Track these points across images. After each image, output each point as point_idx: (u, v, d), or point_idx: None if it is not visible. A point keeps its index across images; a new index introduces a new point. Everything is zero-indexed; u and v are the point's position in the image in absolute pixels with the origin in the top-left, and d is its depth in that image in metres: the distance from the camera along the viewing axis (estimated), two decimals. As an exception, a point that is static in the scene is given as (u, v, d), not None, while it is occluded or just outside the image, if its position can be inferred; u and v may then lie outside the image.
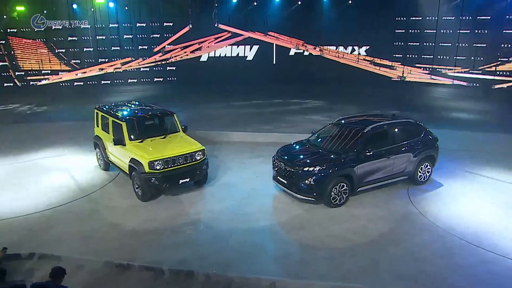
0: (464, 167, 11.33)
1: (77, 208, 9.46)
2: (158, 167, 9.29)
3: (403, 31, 21.86)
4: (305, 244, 7.72)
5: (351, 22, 21.94)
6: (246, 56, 24.45)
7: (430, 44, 20.38)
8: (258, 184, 10.48)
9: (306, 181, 8.81)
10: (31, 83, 24.28)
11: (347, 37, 22.71)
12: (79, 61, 24.55)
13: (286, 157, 9.45)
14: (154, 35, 24.53)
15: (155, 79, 25.92)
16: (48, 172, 11.54)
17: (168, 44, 24.72)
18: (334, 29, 22.47)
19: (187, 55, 24.72)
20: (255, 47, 24.27)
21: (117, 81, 25.71)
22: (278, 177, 9.60)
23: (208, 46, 24.21)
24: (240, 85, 23.05)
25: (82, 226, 8.64)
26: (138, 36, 24.12)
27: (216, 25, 22.35)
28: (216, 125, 15.99)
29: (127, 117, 10.30)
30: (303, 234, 8.09)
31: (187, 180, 9.73)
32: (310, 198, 8.98)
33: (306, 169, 8.87)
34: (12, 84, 24.09)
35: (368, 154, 9.09)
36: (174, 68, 25.66)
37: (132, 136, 9.98)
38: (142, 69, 25.55)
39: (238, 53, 24.49)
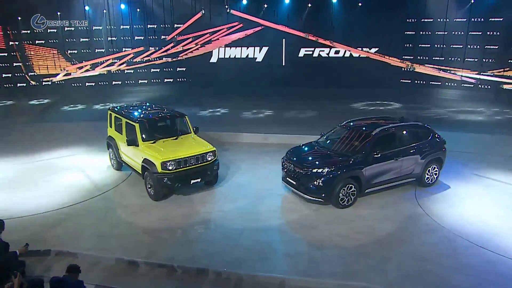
0: (472, 169, 11.42)
1: (92, 206, 9.76)
2: (170, 168, 9.55)
3: (413, 32, 21.85)
4: (314, 243, 7.92)
5: (360, 24, 22.00)
6: (256, 58, 24.64)
7: (441, 45, 20.35)
8: (268, 185, 10.68)
9: (315, 182, 9.00)
10: (43, 83, 24.75)
11: (356, 38, 22.75)
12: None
13: (295, 159, 9.65)
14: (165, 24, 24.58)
15: (165, 80, 26.23)
16: (62, 171, 11.87)
17: (179, 34, 24.91)
18: (342, 30, 22.54)
19: (198, 49, 24.81)
20: (265, 49, 24.43)
21: (128, 81, 26.08)
22: (287, 178, 9.80)
23: (218, 39, 24.12)
24: (250, 86, 23.24)
25: (98, 224, 8.93)
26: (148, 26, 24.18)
27: (228, 10, 22.31)
28: (227, 126, 16.23)
29: (140, 119, 10.57)
30: (312, 233, 8.29)
31: (198, 180, 9.97)
32: (318, 199, 9.16)
33: (315, 170, 9.06)
34: (25, 84, 24.59)
35: (376, 156, 9.25)
36: (184, 68, 25.96)
37: (144, 137, 10.26)
38: (154, 66, 25.81)
39: (247, 55, 24.68)
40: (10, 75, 24.47)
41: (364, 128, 9.98)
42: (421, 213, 9.07)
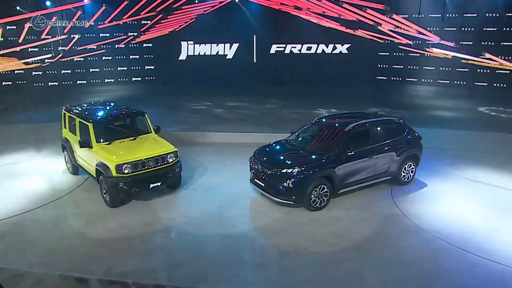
0: (449, 166, 11.07)
1: (42, 215, 8.78)
2: (126, 171, 8.70)
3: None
4: (286, 250, 7.26)
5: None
6: (226, 55, 23.85)
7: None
8: (237, 187, 9.97)
9: (285, 184, 8.36)
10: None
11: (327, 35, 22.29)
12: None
13: (263, 159, 8.98)
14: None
15: (133, 79, 25.11)
16: (13, 177, 10.80)
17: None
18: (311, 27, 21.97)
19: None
20: (235, 45, 23.68)
21: (94, 80, 24.83)
22: (255, 180, 9.13)
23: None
24: (221, 85, 22.45)
25: (46, 235, 7.99)
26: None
27: None
28: (195, 126, 15.42)
29: (94, 118, 9.66)
30: (283, 238, 7.63)
31: (159, 184, 9.16)
32: (289, 202, 8.52)
33: (284, 170, 8.41)
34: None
35: (350, 154, 8.70)
36: (152, 67, 24.94)
37: (99, 138, 9.36)
38: (119, 68, 24.76)
39: (218, 51, 23.86)
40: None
41: (336, 125, 9.42)
42: (398, 213, 8.57)
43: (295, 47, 23.01)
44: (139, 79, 25.07)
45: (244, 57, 23.59)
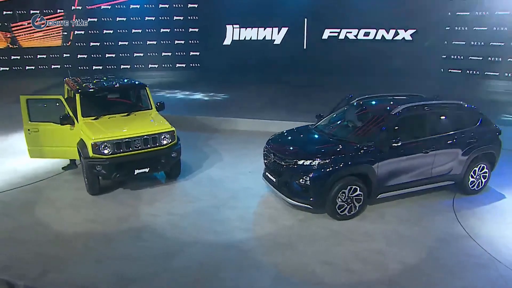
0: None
1: (9, 198, 7.41)
2: (106, 151, 7.01)
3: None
4: (285, 273, 5.09)
5: (395, 1, 18.65)
6: (274, 40, 21.74)
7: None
8: (249, 182, 7.95)
9: (301, 180, 6.14)
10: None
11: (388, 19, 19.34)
12: None
13: (276, 146, 6.82)
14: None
15: (177, 65, 23.94)
16: (12, 154, 9.68)
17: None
18: (373, 9, 19.19)
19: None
20: (284, 30, 21.50)
21: (137, 66, 24.05)
22: (266, 174, 7.01)
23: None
24: (267, 73, 20.43)
25: (4, 223, 6.54)
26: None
27: None
28: (228, 113, 13.52)
29: (83, 88, 8.11)
30: (287, 256, 5.46)
31: (146, 170, 7.37)
32: (305, 205, 6.30)
33: (300, 162, 6.19)
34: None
35: (396, 145, 6.25)
36: (198, 53, 23.59)
37: (86, 112, 7.78)
38: (163, 54, 23.78)
39: (264, 36, 21.84)
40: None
41: (380, 107, 7.01)
42: (461, 234, 6.01)
43: (351, 32, 20.25)
44: (183, 65, 23.85)
45: (293, 43, 21.30)
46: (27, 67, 23.75)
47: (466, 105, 7.29)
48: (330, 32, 20.63)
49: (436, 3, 18.33)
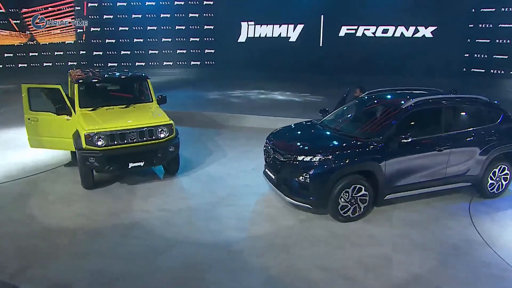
0: None
1: (4, 190, 7.23)
2: (99, 143, 6.72)
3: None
4: (275, 278, 4.65)
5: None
6: (289, 37, 21.25)
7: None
8: (251, 180, 7.55)
9: (301, 178, 5.68)
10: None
11: (407, 16, 18.58)
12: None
13: (277, 141, 6.37)
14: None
15: (192, 63, 23.75)
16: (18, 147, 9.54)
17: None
18: (392, 5, 18.49)
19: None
20: (300, 27, 20.99)
21: (152, 63, 23.99)
22: (266, 170, 6.57)
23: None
24: (281, 71, 19.96)
25: (-6, 215, 6.33)
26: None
27: None
28: (238, 110, 13.14)
29: (81, 78, 7.86)
30: (281, 259, 5.01)
31: (141, 164, 7.04)
32: (305, 204, 5.83)
33: (301, 158, 5.73)
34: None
35: (405, 141, 5.72)
36: (213, 51, 23.32)
37: (83, 102, 7.53)
38: (178, 51, 23.64)
39: (280, 33, 21.37)
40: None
41: (391, 100, 6.49)
42: (477, 241, 5.44)
43: (369, 29, 19.56)
44: (198, 63, 23.65)
45: (309, 40, 20.76)
46: (44, 64, 23.98)
47: (486, 100, 6.68)
48: (347, 29, 20.02)
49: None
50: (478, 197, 6.64)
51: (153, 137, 7.06)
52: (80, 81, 7.74)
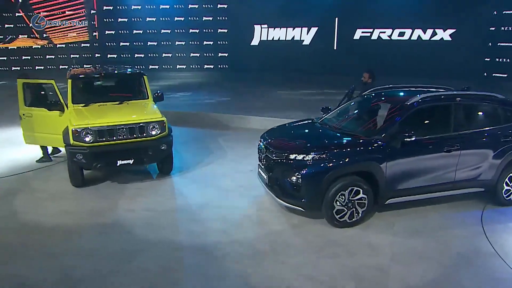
0: None
1: (-4, 187, 7.02)
2: (87, 139, 6.43)
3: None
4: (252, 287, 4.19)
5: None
6: (303, 40, 20.83)
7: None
8: (247, 181, 7.13)
9: (293, 178, 5.22)
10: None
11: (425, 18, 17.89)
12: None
13: (270, 139, 5.94)
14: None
15: (206, 66, 23.59)
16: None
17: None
18: (409, 8, 17.85)
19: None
20: (313, 30, 20.54)
21: (165, 66, 23.98)
22: (259, 170, 6.14)
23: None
24: (295, 74, 19.53)
25: (-23, 212, 6.11)
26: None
27: None
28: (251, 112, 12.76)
29: (75, 74, 7.64)
30: (264, 266, 4.55)
31: (130, 162, 6.71)
32: (297, 207, 5.37)
33: (293, 156, 5.28)
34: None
35: (409, 140, 5.20)
36: (226, 54, 23.09)
37: (76, 98, 7.30)
38: (192, 54, 23.53)
39: (293, 37, 20.98)
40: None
41: (397, 96, 5.99)
42: (488, 251, 4.86)
43: (384, 32, 18.96)
44: (212, 66, 23.48)
45: (323, 44, 20.31)
46: (61, 66, 24.22)
47: (502, 98, 6.09)
48: (362, 32, 19.47)
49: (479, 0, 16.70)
50: (492, 204, 6.03)
51: (144, 134, 6.73)
52: (73, 76, 7.51)
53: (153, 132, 6.79)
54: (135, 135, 6.66)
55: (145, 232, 5.34)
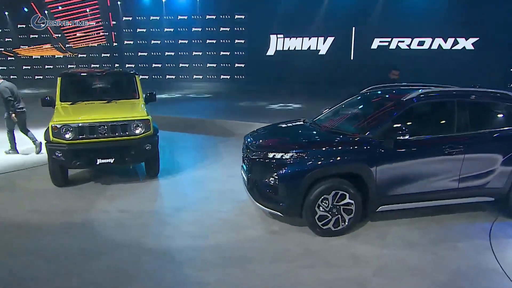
0: None
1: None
2: (67, 136, 6.17)
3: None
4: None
5: (453, 7, 16.51)
6: (319, 50, 20.38)
7: None
8: (236, 185, 6.62)
9: (271, 179, 4.72)
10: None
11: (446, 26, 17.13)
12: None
13: (251, 139, 5.46)
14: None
15: (222, 77, 23.47)
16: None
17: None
18: (428, 16, 17.15)
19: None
20: (330, 39, 20.07)
21: (182, 76, 24.06)
22: (241, 172, 5.68)
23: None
24: (311, 84, 19.07)
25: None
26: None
27: None
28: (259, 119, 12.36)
29: (65, 72, 7.51)
30: (230, 275, 4.04)
31: (111, 161, 6.38)
32: (275, 212, 4.85)
33: (271, 155, 4.78)
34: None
35: (402, 138, 4.63)
36: (243, 65, 22.91)
37: (64, 96, 7.12)
38: (208, 65, 23.47)
39: (309, 46, 20.57)
40: None
41: (396, 93, 5.45)
42: (493, 269, 4.19)
43: (403, 41, 18.28)
44: (228, 77, 23.34)
45: (339, 53, 19.80)
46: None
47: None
48: (380, 41, 18.88)
49: (503, 7, 15.81)
50: (503, 217, 5.32)
51: (127, 133, 6.40)
52: (63, 74, 7.35)
53: (137, 131, 6.47)
54: (117, 133, 6.35)
55: (113, 233, 4.95)
